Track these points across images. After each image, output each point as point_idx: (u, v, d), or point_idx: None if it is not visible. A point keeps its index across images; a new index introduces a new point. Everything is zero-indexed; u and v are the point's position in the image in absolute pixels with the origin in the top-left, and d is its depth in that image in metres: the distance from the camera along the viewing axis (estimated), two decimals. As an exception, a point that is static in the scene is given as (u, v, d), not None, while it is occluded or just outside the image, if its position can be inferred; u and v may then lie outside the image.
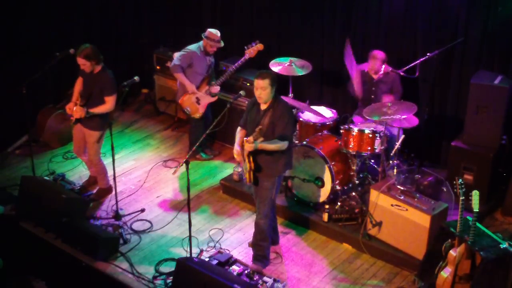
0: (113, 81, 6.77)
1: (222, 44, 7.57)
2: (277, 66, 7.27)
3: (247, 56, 7.39)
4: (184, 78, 7.49)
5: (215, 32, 7.50)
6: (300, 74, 7.23)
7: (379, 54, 7.02)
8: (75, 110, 6.78)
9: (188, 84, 7.50)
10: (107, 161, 7.26)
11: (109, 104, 6.77)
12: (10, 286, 6.41)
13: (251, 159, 5.69)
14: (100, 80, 6.74)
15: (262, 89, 5.61)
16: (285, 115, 5.67)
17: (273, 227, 6.23)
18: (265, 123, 5.68)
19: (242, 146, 5.79)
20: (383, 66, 7.07)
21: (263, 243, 6.05)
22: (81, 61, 6.65)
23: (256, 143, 5.55)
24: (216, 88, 7.58)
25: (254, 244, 6.13)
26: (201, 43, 7.55)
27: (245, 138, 5.60)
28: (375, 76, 7.13)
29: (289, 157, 5.94)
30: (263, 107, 5.76)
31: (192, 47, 7.55)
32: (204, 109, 7.63)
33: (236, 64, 7.50)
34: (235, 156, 5.94)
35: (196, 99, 7.57)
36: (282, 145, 5.67)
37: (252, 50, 7.36)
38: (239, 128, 6.01)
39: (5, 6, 7.95)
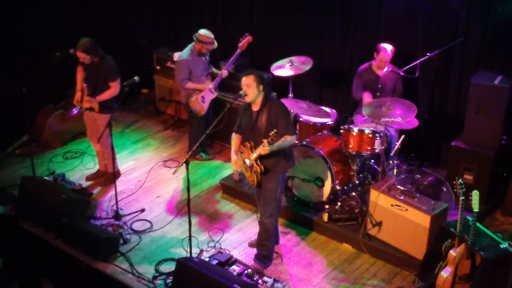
0: (114, 66, 6.93)
1: (216, 45, 7.53)
2: (278, 69, 7.27)
3: (239, 50, 7.47)
4: (194, 84, 7.49)
5: (208, 34, 7.41)
6: (305, 70, 7.23)
7: (389, 46, 6.90)
8: (84, 100, 6.92)
9: (201, 87, 7.53)
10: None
11: (114, 88, 6.92)
12: (12, 286, 6.41)
13: (258, 162, 5.70)
14: (102, 68, 6.87)
15: (247, 86, 5.65)
16: (283, 112, 5.69)
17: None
18: (262, 124, 5.68)
19: (238, 153, 5.86)
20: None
21: (268, 243, 6.04)
22: (80, 55, 6.80)
23: (272, 146, 5.55)
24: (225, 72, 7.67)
25: (258, 244, 6.11)
26: (191, 45, 7.48)
27: (263, 140, 5.54)
28: (380, 73, 7.07)
29: (290, 154, 5.95)
30: (255, 108, 5.76)
31: (183, 55, 7.49)
32: (208, 106, 7.64)
33: (231, 60, 7.57)
34: (233, 166, 5.96)
35: (202, 98, 7.57)
36: (291, 139, 5.70)
37: (244, 43, 7.44)
38: (233, 135, 6.01)
39: (5, 6, 7.95)
